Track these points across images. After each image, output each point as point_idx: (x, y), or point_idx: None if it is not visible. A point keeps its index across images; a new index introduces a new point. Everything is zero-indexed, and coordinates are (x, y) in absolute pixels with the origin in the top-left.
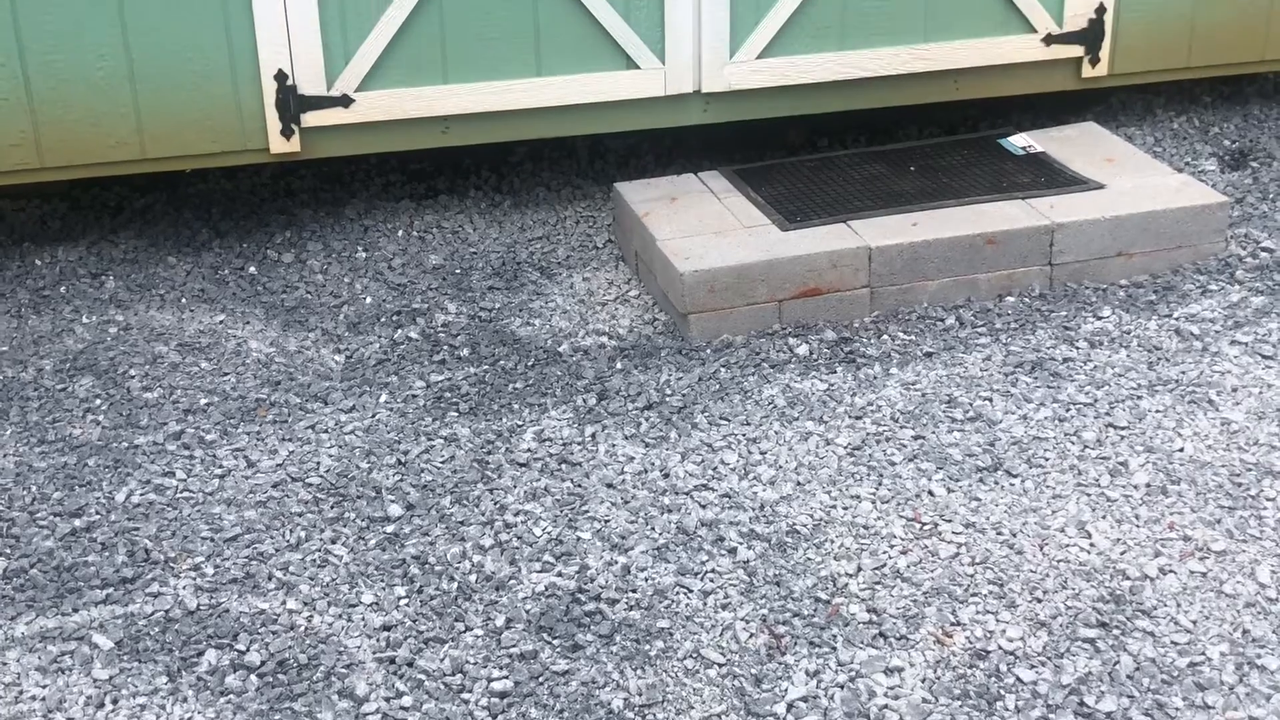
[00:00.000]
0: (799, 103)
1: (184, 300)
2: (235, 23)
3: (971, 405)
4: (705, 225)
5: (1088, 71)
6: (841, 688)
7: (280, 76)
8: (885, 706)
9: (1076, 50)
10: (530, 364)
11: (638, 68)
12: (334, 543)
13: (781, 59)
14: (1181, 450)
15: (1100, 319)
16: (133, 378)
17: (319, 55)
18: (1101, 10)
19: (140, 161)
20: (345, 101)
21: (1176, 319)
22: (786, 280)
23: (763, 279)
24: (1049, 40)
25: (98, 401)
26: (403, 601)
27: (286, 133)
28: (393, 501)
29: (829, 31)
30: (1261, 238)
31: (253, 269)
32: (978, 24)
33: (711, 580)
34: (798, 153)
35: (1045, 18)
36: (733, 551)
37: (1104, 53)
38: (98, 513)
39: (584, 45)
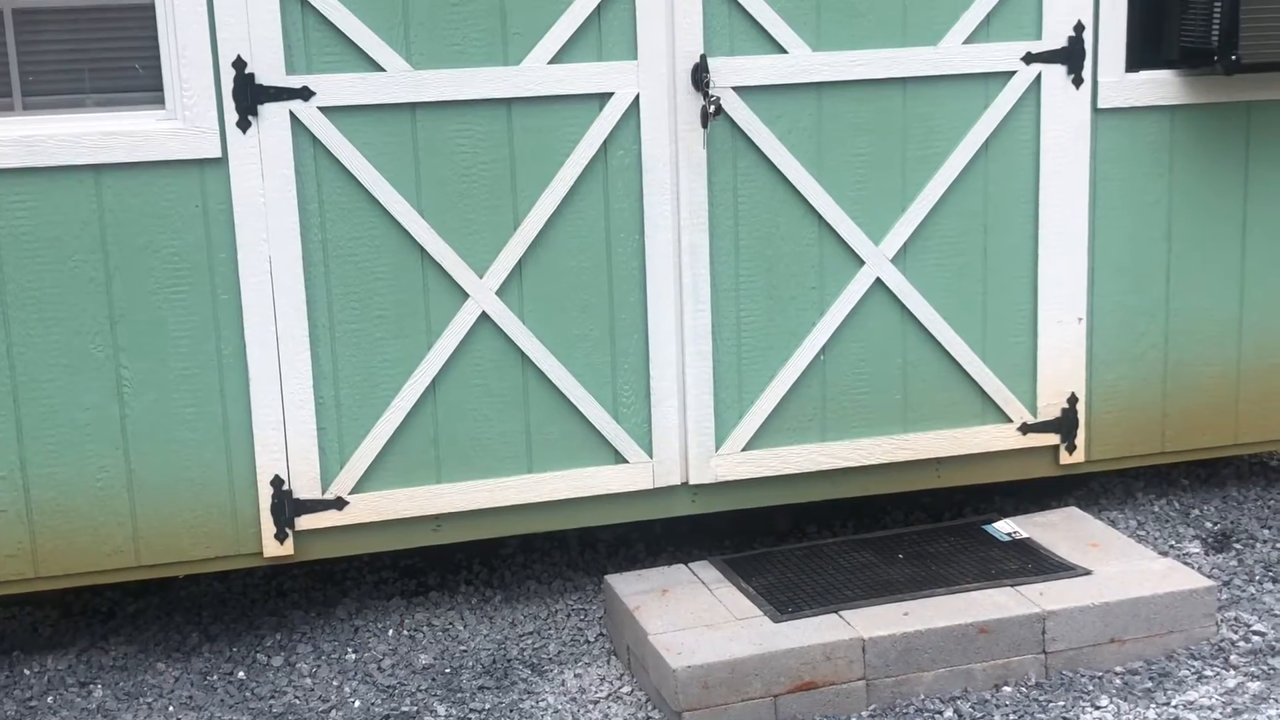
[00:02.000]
0: (785, 492)
1: (171, 709)
2: (235, 432)
3: None
4: (698, 618)
5: (1065, 458)
6: None
7: (276, 482)
8: None
9: (1053, 438)
10: None
11: (626, 462)
12: None
13: (766, 451)
14: None
15: (1099, 709)
16: None
17: (315, 460)
18: (1074, 400)
19: (135, 569)
20: (339, 504)
21: (1175, 707)
22: (781, 674)
23: (757, 674)
24: (1025, 429)
25: None
26: None
27: (280, 536)
28: None
29: (810, 424)
30: (1252, 621)
31: (242, 674)
32: (955, 415)
33: None
34: (786, 539)
35: (1020, 408)
36: None
37: (1079, 440)
38: None
39: (574, 442)
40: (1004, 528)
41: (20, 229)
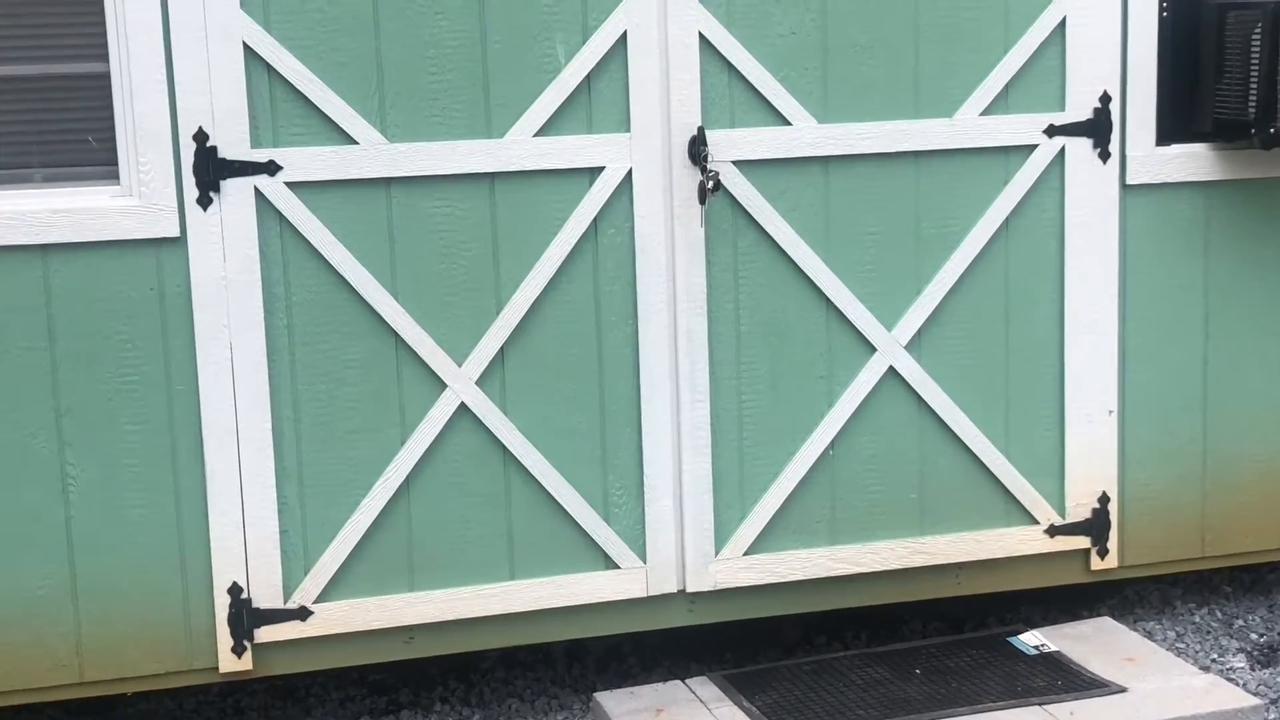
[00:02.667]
0: (791, 601)
1: None
2: (189, 535)
3: None
4: None
5: (1096, 563)
6: None
7: (234, 590)
8: None
9: (1083, 541)
10: None
11: (618, 567)
12: None
13: (770, 555)
14: None
15: None
16: None
17: (277, 566)
18: (1105, 500)
19: (78, 685)
20: (303, 614)
21: None
22: None
23: None
24: (1052, 532)
25: None
26: None
27: (238, 649)
28: None
29: (819, 526)
30: None
31: None
32: (977, 516)
33: None
34: (793, 652)
35: (1047, 508)
36: None
37: (1112, 543)
38: None
39: (561, 546)
40: (1031, 640)
41: None
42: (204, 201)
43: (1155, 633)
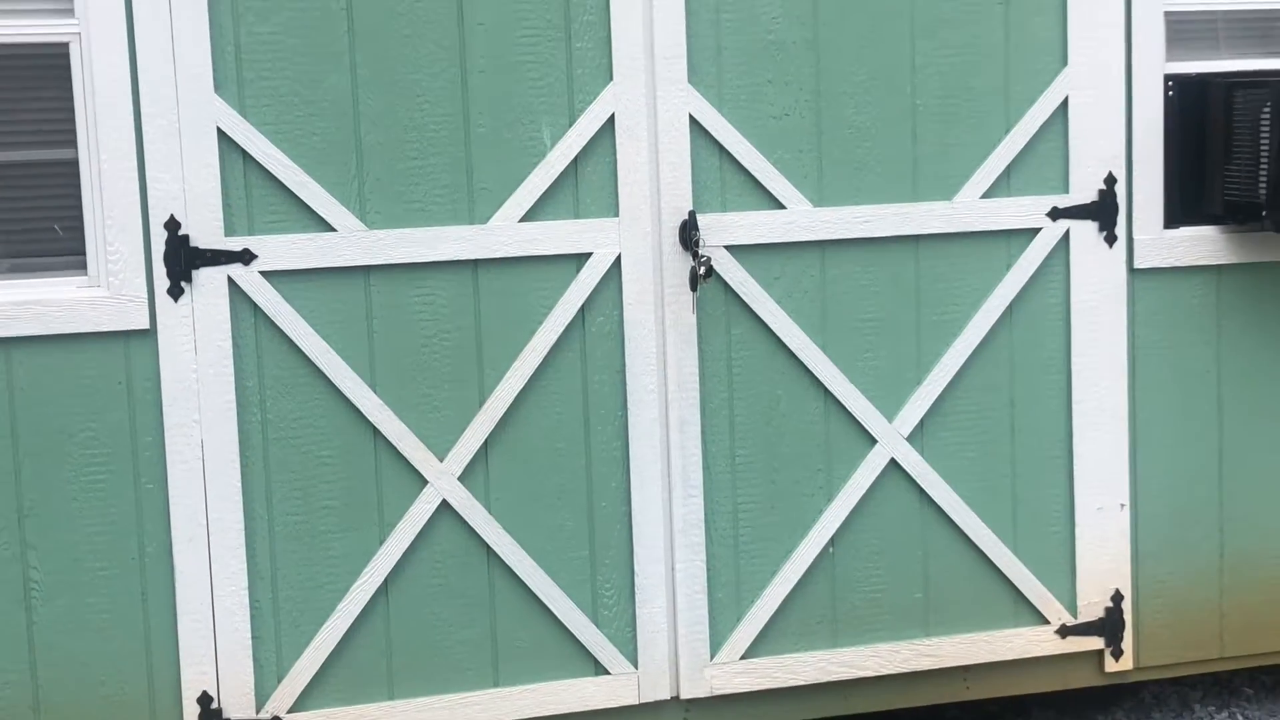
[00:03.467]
0: (791, 707)
1: None
2: (157, 642)
3: None
4: None
5: (1111, 665)
6: None
7: (204, 699)
8: None
9: (1096, 642)
10: None
11: (608, 673)
12: None
13: (769, 659)
14: None
15: None
16: None
17: (249, 674)
18: (1119, 598)
19: None
20: None
21: None
22: None
23: None
24: (1064, 632)
25: None
26: None
27: None
28: None
29: (819, 627)
30: None
31: None
32: (984, 616)
33: None
34: None
35: (1058, 607)
36: None
37: (1126, 644)
38: None
39: (548, 650)
40: None
41: None
42: (175, 292)
43: None
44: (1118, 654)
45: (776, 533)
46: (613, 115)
